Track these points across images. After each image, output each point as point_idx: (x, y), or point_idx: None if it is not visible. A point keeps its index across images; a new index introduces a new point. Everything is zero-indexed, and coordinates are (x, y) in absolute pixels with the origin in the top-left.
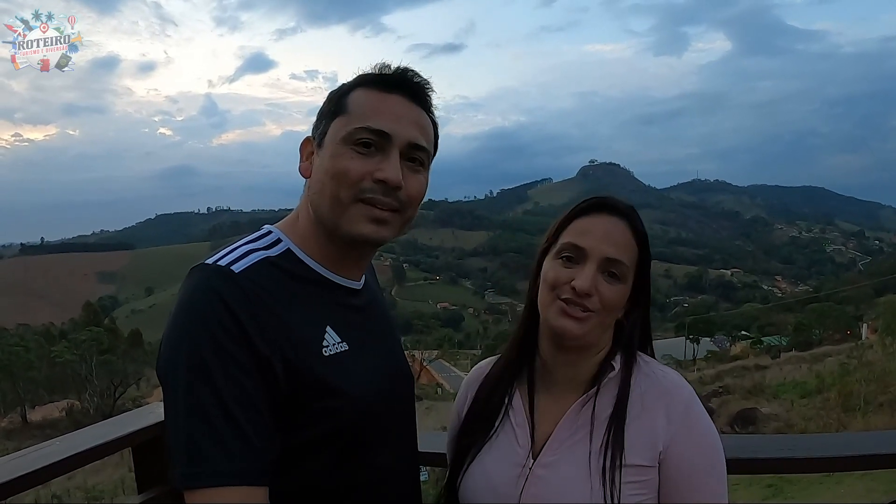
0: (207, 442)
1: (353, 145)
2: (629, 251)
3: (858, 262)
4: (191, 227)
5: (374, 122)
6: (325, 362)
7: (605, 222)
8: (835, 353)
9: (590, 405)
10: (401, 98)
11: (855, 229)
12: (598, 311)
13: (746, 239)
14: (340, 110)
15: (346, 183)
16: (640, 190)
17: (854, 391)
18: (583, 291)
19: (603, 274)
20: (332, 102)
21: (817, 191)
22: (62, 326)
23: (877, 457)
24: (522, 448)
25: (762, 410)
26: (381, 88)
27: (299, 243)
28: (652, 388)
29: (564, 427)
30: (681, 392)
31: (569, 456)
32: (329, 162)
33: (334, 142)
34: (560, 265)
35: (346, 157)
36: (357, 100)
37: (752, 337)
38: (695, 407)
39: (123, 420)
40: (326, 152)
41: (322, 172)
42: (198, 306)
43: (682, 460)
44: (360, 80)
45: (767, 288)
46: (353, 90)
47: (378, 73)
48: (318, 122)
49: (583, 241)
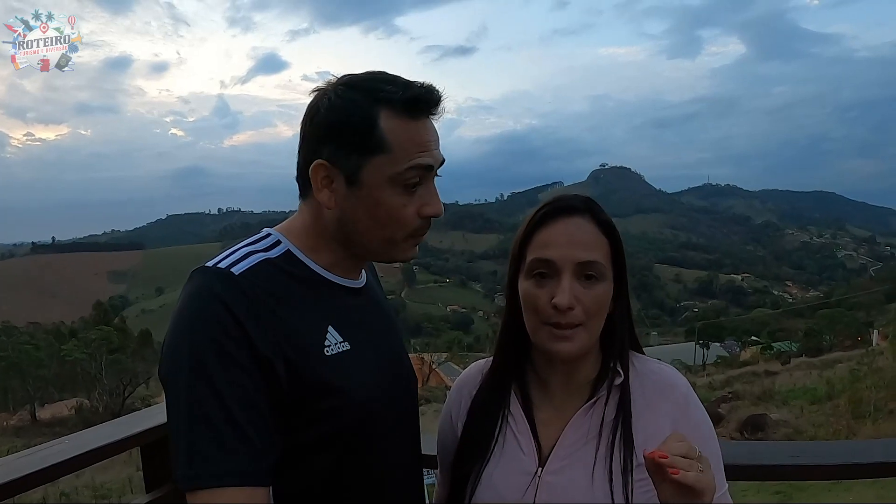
0: (209, 443)
1: (404, 187)
2: (600, 247)
3: (870, 268)
4: (202, 228)
5: (422, 159)
6: (327, 362)
7: (566, 226)
8: (845, 359)
9: (598, 410)
10: (426, 121)
11: (867, 235)
12: (585, 321)
13: (757, 244)
14: (378, 148)
15: (401, 227)
16: (651, 194)
17: (864, 398)
18: (563, 307)
19: (580, 280)
20: (359, 133)
21: (829, 196)
22: (72, 325)
23: (887, 465)
24: (528, 456)
25: (772, 416)
26: (408, 114)
27: (300, 246)
28: (651, 386)
29: (570, 433)
30: (679, 387)
31: (578, 461)
32: (379, 207)
33: (380, 183)
34: (534, 286)
35: (399, 201)
36: (394, 134)
37: (763, 342)
38: (692, 400)
39: (131, 419)
40: (370, 193)
41: (367, 214)
42: (198, 309)
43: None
44: (377, 99)
45: (778, 293)
46: (380, 117)
47: (399, 92)
48: (344, 152)
49: (548, 253)
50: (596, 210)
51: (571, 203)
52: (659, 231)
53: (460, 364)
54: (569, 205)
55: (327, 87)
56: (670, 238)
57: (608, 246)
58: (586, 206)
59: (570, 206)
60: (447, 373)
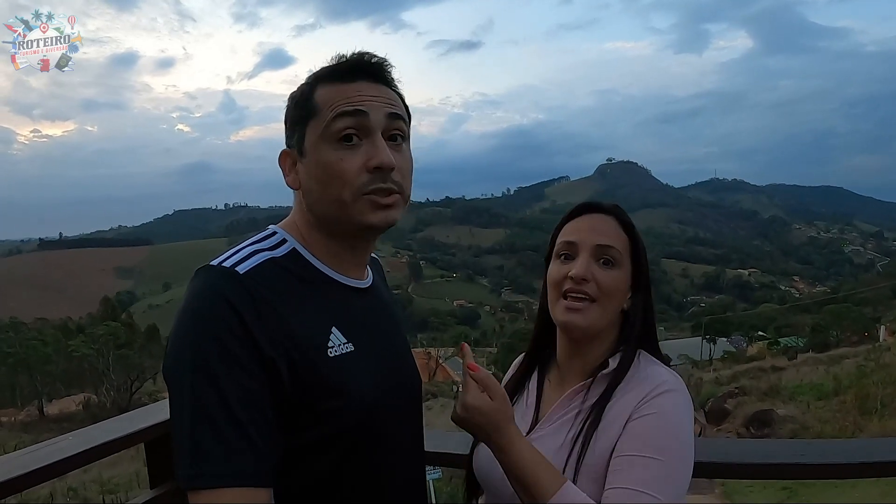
0: (211, 442)
1: (336, 142)
2: (619, 239)
3: (877, 264)
4: (208, 224)
5: (346, 106)
6: (330, 363)
7: (592, 219)
8: (852, 355)
9: (583, 393)
10: (363, 83)
11: (874, 230)
12: (599, 298)
13: (764, 239)
14: (310, 113)
15: (344, 183)
16: (657, 189)
17: (871, 394)
18: (578, 277)
19: (597, 262)
20: (298, 107)
21: (836, 191)
22: (80, 321)
23: (892, 464)
24: (523, 423)
25: (778, 412)
26: (341, 80)
27: (305, 243)
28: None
29: (558, 409)
30: (663, 385)
31: (555, 432)
32: (318, 167)
33: (315, 144)
34: (559, 264)
35: (335, 156)
36: (322, 97)
37: (769, 338)
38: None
39: (137, 415)
40: (311, 158)
41: (314, 180)
42: (202, 308)
43: (629, 431)
44: (317, 77)
45: (785, 288)
46: (315, 89)
47: (333, 65)
48: (292, 131)
49: (574, 237)
50: (620, 213)
51: (601, 204)
52: (666, 226)
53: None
54: (598, 205)
55: None
56: (677, 233)
57: (628, 242)
58: (614, 209)
59: (599, 206)
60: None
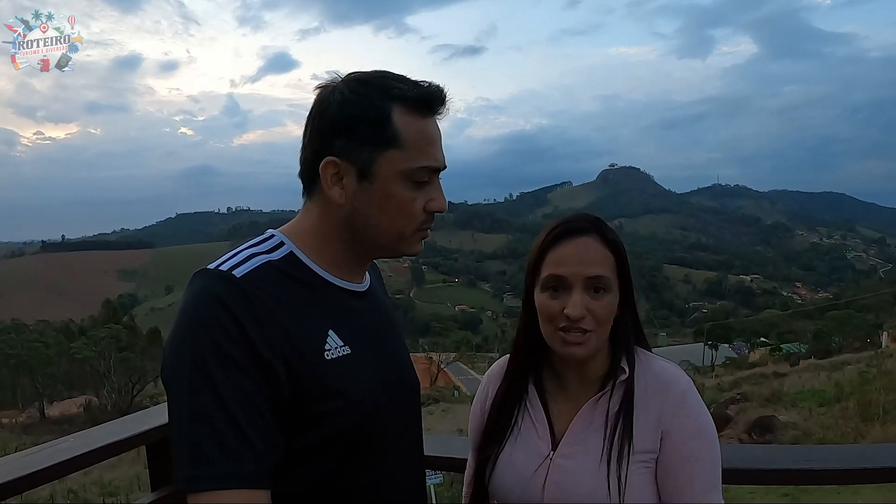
0: (209, 445)
1: (413, 182)
2: (606, 263)
3: (879, 270)
4: (211, 227)
5: (433, 159)
6: (327, 366)
7: (576, 245)
8: (854, 361)
9: (603, 402)
10: (434, 120)
11: (876, 236)
12: (595, 328)
13: (766, 245)
14: (392, 142)
15: (411, 221)
16: (659, 194)
17: (873, 400)
18: (576, 318)
19: (589, 292)
20: (372, 126)
21: (839, 197)
22: (81, 323)
23: (894, 469)
24: (543, 441)
25: (780, 418)
26: (421, 112)
27: (304, 247)
28: (652, 382)
29: (579, 421)
30: (677, 384)
31: (585, 446)
32: (389, 199)
33: (391, 177)
34: (549, 298)
35: (409, 196)
36: (406, 131)
37: (771, 344)
38: (690, 398)
39: (137, 418)
40: (380, 186)
41: (376, 208)
42: (200, 311)
43: (676, 446)
44: (390, 94)
45: (787, 294)
46: (394, 112)
47: (415, 93)
48: (352, 144)
49: (561, 270)
50: (603, 229)
51: (580, 225)
52: (668, 231)
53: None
54: (578, 226)
55: (336, 83)
56: (679, 239)
57: (614, 261)
58: (593, 226)
59: (579, 227)
60: (455, 373)
